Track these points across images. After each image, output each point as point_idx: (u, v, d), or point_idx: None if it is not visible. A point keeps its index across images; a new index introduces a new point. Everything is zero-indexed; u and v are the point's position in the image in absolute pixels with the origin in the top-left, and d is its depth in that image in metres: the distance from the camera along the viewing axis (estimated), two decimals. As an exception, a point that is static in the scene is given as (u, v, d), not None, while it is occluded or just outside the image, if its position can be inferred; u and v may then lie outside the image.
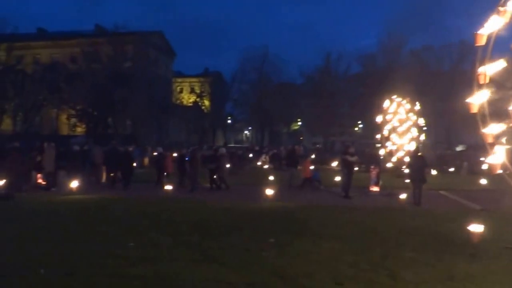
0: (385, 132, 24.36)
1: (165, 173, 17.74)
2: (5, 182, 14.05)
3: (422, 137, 26.73)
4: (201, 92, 63.93)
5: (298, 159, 19.07)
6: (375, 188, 15.96)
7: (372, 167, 16.71)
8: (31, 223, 9.22)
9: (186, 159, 17.75)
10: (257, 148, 31.50)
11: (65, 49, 62.05)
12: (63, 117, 56.85)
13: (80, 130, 54.89)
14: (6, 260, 6.23)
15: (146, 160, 29.50)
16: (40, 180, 16.87)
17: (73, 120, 55.27)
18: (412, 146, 19.13)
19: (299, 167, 18.18)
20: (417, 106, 24.75)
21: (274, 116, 58.54)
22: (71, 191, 14.84)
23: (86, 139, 41.97)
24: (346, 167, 14.65)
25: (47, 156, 16.13)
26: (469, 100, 6.79)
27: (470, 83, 7.02)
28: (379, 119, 24.95)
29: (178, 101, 64.73)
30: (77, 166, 17.84)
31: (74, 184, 15.27)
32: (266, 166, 29.61)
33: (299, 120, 65.01)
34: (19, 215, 10.29)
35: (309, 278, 5.58)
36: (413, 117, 24.02)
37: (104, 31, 55.51)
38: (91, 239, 7.61)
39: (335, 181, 17.63)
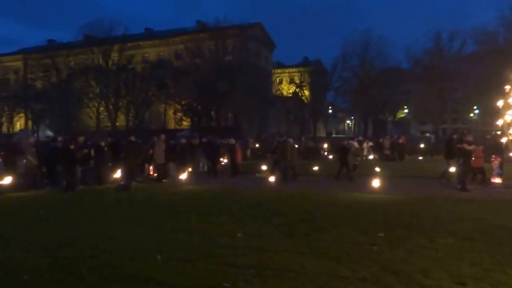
0: (508, 117, 22.14)
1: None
2: (123, 174, 15.47)
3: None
4: (301, 82, 63.92)
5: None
6: (497, 180, 14.66)
7: (494, 156, 15.35)
8: (146, 212, 10.01)
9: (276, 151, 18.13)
10: (360, 138, 30.80)
11: (170, 47, 66.06)
12: (170, 112, 60.66)
13: (185, 124, 58.20)
14: (126, 246, 6.87)
15: (249, 152, 30.35)
16: (151, 172, 18.32)
17: (179, 114, 58.76)
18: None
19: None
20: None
21: (378, 104, 56.49)
22: (181, 183, 15.84)
23: (191, 132, 44.46)
24: (462, 157, 13.65)
25: (157, 149, 17.38)
26: None
27: None
28: (500, 103, 22.72)
29: (278, 92, 65.57)
30: (185, 158, 19.00)
31: (183, 175, 16.26)
32: (370, 157, 28.88)
33: (405, 107, 61.89)
34: (136, 204, 11.25)
35: (425, 276, 5.33)
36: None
37: (205, 26, 58.00)
38: (200, 228, 8.06)
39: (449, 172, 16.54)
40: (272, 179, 15.43)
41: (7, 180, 14.15)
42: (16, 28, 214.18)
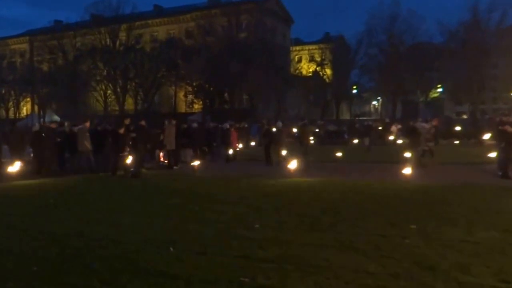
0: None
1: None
2: (133, 160, 15.52)
3: None
4: (322, 60, 63.26)
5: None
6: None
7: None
8: (157, 201, 10.04)
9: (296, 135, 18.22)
10: (387, 120, 30.46)
11: (181, 25, 66.02)
12: (181, 95, 60.83)
13: (197, 107, 58.33)
14: (136, 236, 6.84)
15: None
16: (162, 159, 18.40)
17: (190, 97, 58.88)
18: None
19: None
20: None
21: (408, 82, 55.50)
22: (193, 170, 15.84)
23: (203, 116, 44.51)
24: (504, 141, 13.27)
25: (167, 134, 17.42)
26: None
27: None
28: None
29: (297, 72, 65.02)
30: (196, 144, 19.03)
31: (196, 162, 16.25)
32: (399, 142, 28.52)
33: (439, 86, 60.65)
34: (146, 193, 11.29)
35: (464, 272, 5.14)
36: None
37: (217, 2, 57.71)
38: (215, 219, 8.00)
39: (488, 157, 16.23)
40: (291, 166, 15.30)
41: (15, 167, 14.35)
42: (22, 9, 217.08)
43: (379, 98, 78.50)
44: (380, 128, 30.51)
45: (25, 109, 70.39)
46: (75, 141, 15.90)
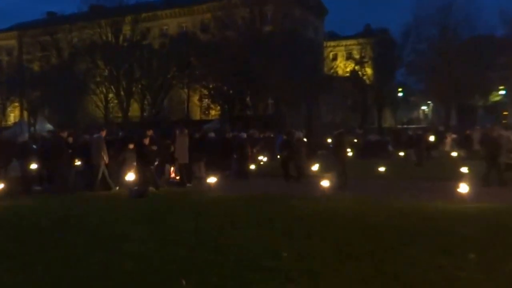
0: None
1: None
2: (138, 177, 15.73)
3: None
4: (362, 57, 63.01)
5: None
6: None
7: None
8: (166, 225, 10.17)
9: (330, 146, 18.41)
10: (441, 128, 30.14)
11: (195, 17, 66.59)
12: (195, 99, 61.23)
13: (214, 113, 58.63)
14: (143, 266, 6.95)
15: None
16: (173, 174, 18.57)
17: (206, 101, 59.24)
18: None
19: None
20: None
21: (465, 84, 54.87)
22: (209, 187, 15.96)
23: (221, 124, 44.74)
24: None
25: (179, 146, 17.53)
26: None
27: None
28: None
29: (332, 71, 64.83)
30: (213, 157, 19.18)
31: (212, 179, 16.35)
32: (454, 154, 28.28)
33: (501, 88, 59.75)
34: (154, 215, 11.44)
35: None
36: None
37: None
38: (235, 245, 8.07)
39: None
40: (324, 184, 15.28)
41: None
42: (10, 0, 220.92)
43: (429, 102, 77.74)
44: (431, 138, 30.21)
45: (13, 115, 71.23)
46: (87, 152, 16.32)
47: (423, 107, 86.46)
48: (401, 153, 29.17)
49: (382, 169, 20.44)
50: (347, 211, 11.44)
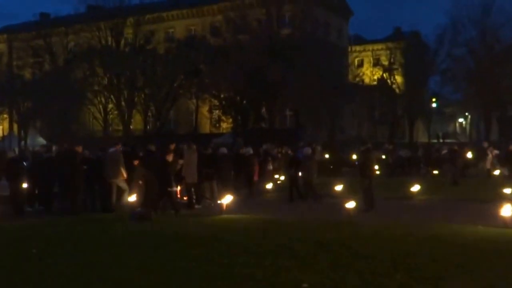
0: None
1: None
2: (141, 198, 15.83)
3: None
4: (391, 64, 62.99)
5: None
6: None
7: None
8: (172, 252, 10.21)
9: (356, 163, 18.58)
10: (486, 145, 30.00)
11: (205, 18, 66.75)
12: (204, 110, 61.31)
13: (225, 126, 58.63)
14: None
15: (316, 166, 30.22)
16: (180, 195, 18.62)
17: (217, 113, 59.31)
18: None
19: None
20: None
21: (507, 93, 54.59)
22: (220, 210, 16.00)
23: (234, 138, 44.78)
24: None
25: (187, 163, 17.59)
26: None
27: None
28: None
29: (357, 79, 64.86)
30: (225, 175, 19.23)
31: (226, 199, 16.38)
32: (496, 173, 28.08)
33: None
34: (158, 241, 11.48)
35: None
36: None
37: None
38: (251, 276, 8.09)
39: None
40: (349, 205, 15.26)
41: None
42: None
43: (467, 114, 77.25)
44: (469, 153, 30.07)
45: (1, 128, 71.87)
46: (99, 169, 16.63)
47: (460, 120, 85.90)
48: (435, 171, 29.02)
49: (414, 189, 20.35)
50: (375, 237, 11.40)
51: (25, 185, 16.64)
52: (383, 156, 31.60)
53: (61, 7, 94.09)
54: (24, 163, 18.16)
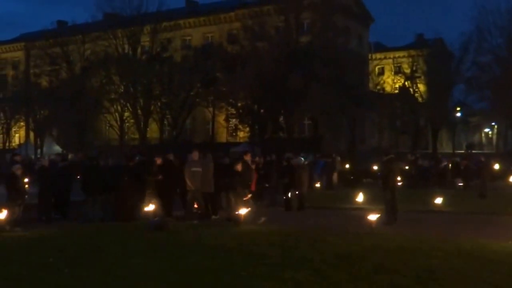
0: None
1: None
2: (157, 207, 15.86)
3: None
4: (413, 72, 62.67)
5: None
6: None
7: None
8: (188, 263, 10.18)
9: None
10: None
11: (222, 26, 67.12)
12: (221, 119, 61.49)
13: (242, 135, 58.69)
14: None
15: (335, 176, 30.18)
16: (196, 205, 18.63)
17: (233, 122, 59.43)
18: None
19: None
20: None
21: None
22: (237, 220, 15.95)
23: (251, 147, 44.78)
24: None
25: (204, 173, 17.59)
26: None
27: None
28: None
29: (378, 88, 64.62)
30: (242, 185, 19.20)
31: (241, 210, 16.34)
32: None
33: None
34: (175, 251, 11.47)
35: None
36: None
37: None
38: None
39: None
40: (371, 218, 15.11)
41: (2, 214, 14.97)
42: (15, 6, 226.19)
43: (493, 124, 76.56)
44: (496, 165, 29.80)
45: (18, 136, 72.74)
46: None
47: (486, 130, 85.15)
48: (461, 184, 28.78)
49: (438, 201, 20.17)
50: (398, 251, 11.29)
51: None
52: (406, 167, 31.37)
53: (78, 15, 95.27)
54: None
